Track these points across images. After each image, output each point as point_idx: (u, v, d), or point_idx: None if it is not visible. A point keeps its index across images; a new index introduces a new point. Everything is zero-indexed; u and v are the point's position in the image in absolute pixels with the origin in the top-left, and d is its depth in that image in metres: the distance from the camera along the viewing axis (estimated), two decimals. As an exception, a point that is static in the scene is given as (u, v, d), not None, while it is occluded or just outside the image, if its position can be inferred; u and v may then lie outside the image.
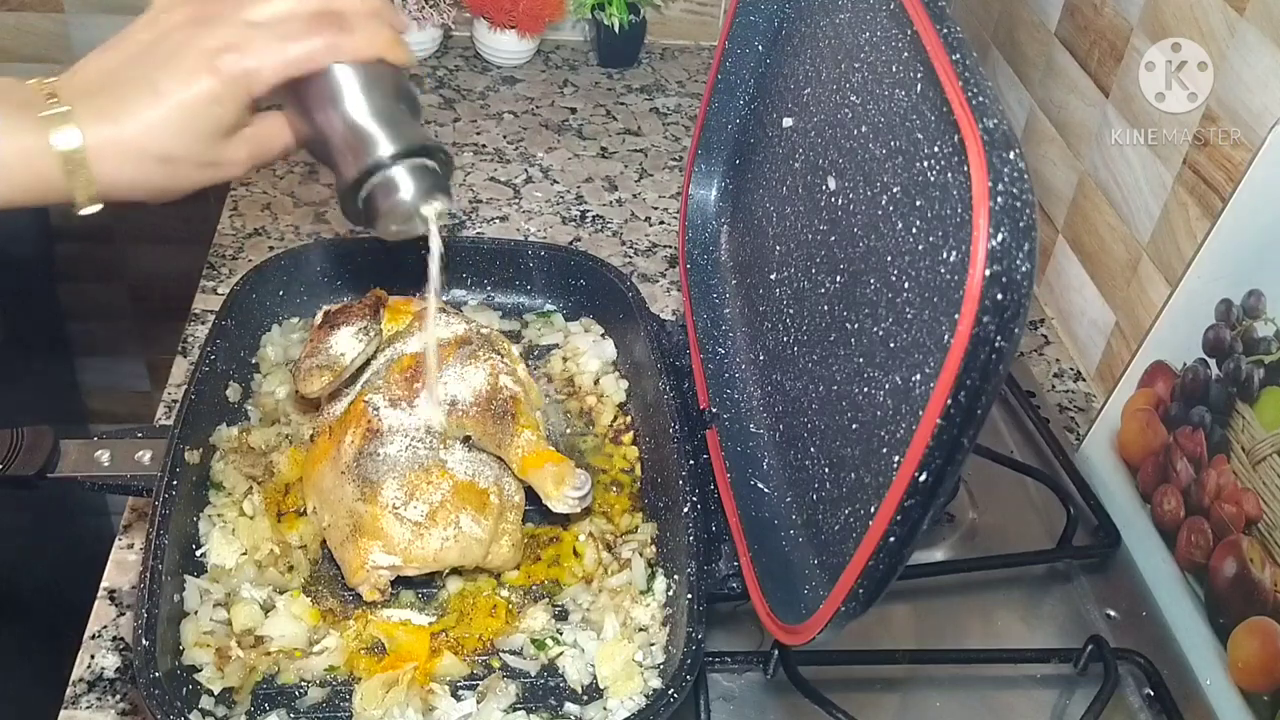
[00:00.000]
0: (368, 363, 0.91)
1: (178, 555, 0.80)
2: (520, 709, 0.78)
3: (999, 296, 0.51)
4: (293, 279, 1.04)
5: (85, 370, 2.03)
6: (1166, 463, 0.96)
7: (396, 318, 0.94)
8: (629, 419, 1.00)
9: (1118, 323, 1.14)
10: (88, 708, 0.82)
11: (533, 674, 0.80)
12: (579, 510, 0.85)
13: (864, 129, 0.73)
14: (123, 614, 0.88)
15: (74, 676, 0.84)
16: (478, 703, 0.77)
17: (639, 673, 0.79)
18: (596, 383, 1.03)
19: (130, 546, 0.93)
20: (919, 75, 0.65)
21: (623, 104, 1.61)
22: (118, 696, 0.83)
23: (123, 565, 0.92)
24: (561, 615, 0.84)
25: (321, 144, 0.66)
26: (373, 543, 0.80)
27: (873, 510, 0.66)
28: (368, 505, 0.81)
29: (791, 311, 0.85)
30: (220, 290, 1.15)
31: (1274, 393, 0.84)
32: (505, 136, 1.51)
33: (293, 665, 0.78)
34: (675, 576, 0.84)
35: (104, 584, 0.90)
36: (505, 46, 1.63)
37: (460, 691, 0.78)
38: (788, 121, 0.88)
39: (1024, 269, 0.51)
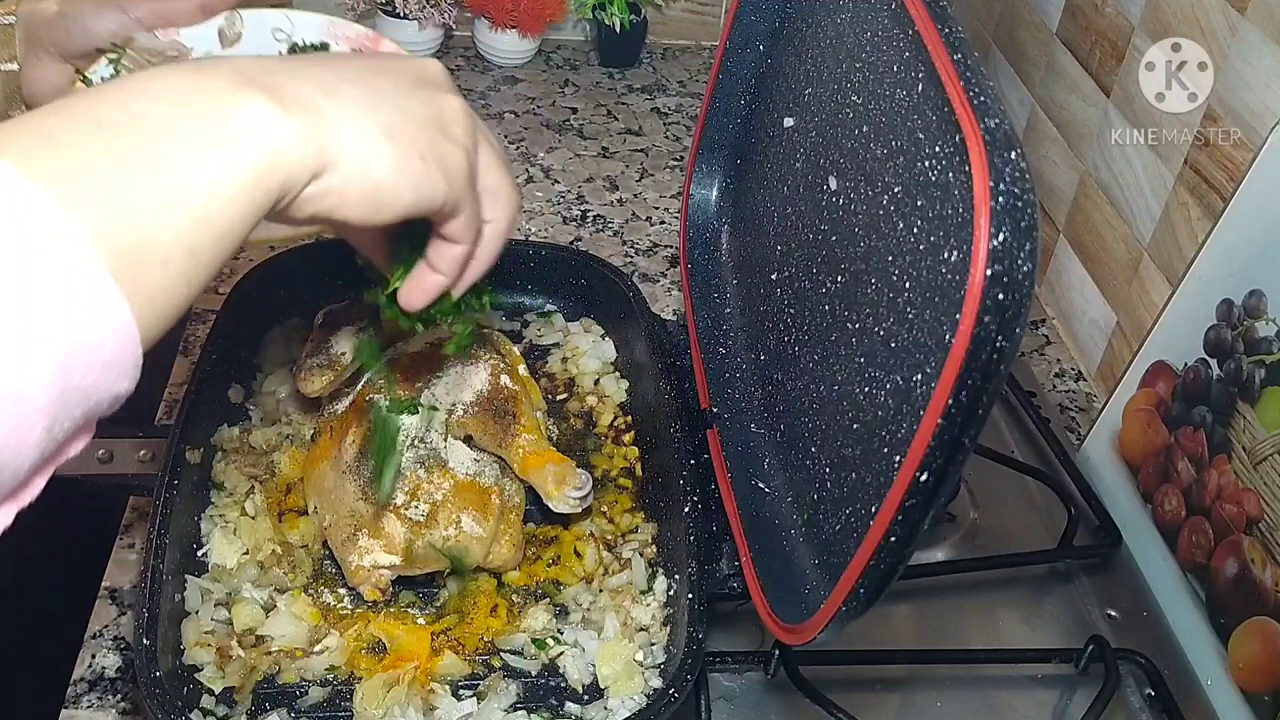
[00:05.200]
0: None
1: (179, 555, 0.80)
2: (521, 708, 0.78)
3: (1000, 296, 0.51)
4: (294, 279, 1.04)
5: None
6: (1168, 463, 0.96)
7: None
8: (629, 419, 1.00)
9: (1119, 322, 1.14)
10: (88, 707, 0.82)
11: (533, 673, 0.80)
12: (580, 510, 0.85)
13: (865, 129, 0.73)
14: (124, 613, 0.88)
15: (75, 676, 0.84)
16: (478, 702, 0.77)
17: (639, 672, 0.79)
18: (596, 383, 1.03)
19: (131, 546, 0.93)
20: (920, 75, 0.65)
21: (624, 104, 1.61)
22: (119, 696, 0.83)
23: (123, 565, 0.92)
24: (562, 615, 0.84)
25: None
26: (374, 542, 0.80)
27: (874, 510, 0.66)
28: (369, 505, 0.81)
29: (792, 311, 0.85)
30: (221, 290, 1.15)
31: (1275, 393, 0.84)
32: (506, 136, 1.51)
33: (294, 665, 0.78)
34: (676, 576, 0.84)
35: (105, 583, 0.90)
36: (506, 46, 1.63)
37: (461, 691, 0.78)
38: (789, 121, 0.88)
39: (1025, 269, 0.51)
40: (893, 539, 0.59)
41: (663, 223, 1.37)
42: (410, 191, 0.50)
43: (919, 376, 0.62)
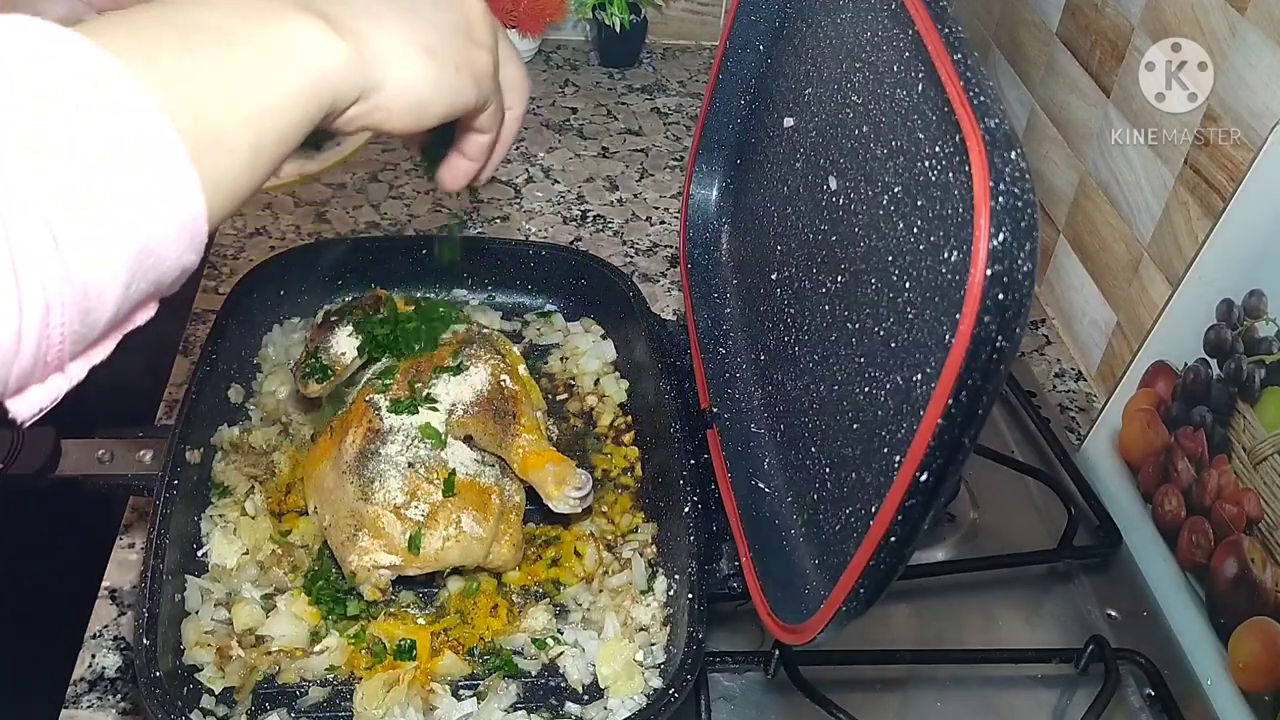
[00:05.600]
0: (369, 362, 0.91)
1: (179, 555, 0.80)
2: (521, 708, 0.78)
3: (1000, 296, 0.51)
4: (293, 279, 1.04)
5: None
6: (1168, 463, 0.96)
7: (397, 317, 0.94)
8: (629, 419, 1.00)
9: (1119, 322, 1.14)
10: (89, 707, 0.82)
11: (533, 673, 0.80)
12: (580, 510, 0.85)
13: (865, 129, 0.73)
14: (124, 613, 0.88)
15: (75, 676, 0.84)
16: (478, 702, 0.77)
17: (639, 672, 0.79)
18: (596, 383, 1.03)
19: (131, 546, 0.93)
20: (920, 75, 0.65)
21: (624, 104, 1.61)
22: (119, 696, 0.83)
23: (124, 565, 0.92)
24: (562, 615, 0.84)
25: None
26: (374, 542, 0.80)
27: (874, 510, 0.66)
28: (369, 505, 0.81)
29: (792, 311, 0.85)
30: (221, 290, 1.15)
31: (1275, 393, 0.84)
32: (506, 136, 1.50)
33: (293, 665, 0.78)
34: (676, 576, 0.84)
35: (105, 583, 0.90)
36: (506, 46, 1.63)
37: (461, 691, 0.78)
38: (789, 121, 0.88)
39: (1025, 269, 0.51)
40: (893, 539, 0.59)
41: (663, 223, 1.37)
42: (447, 101, 0.56)
43: (919, 376, 0.62)
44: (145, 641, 0.71)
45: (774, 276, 0.89)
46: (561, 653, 0.81)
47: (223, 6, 0.47)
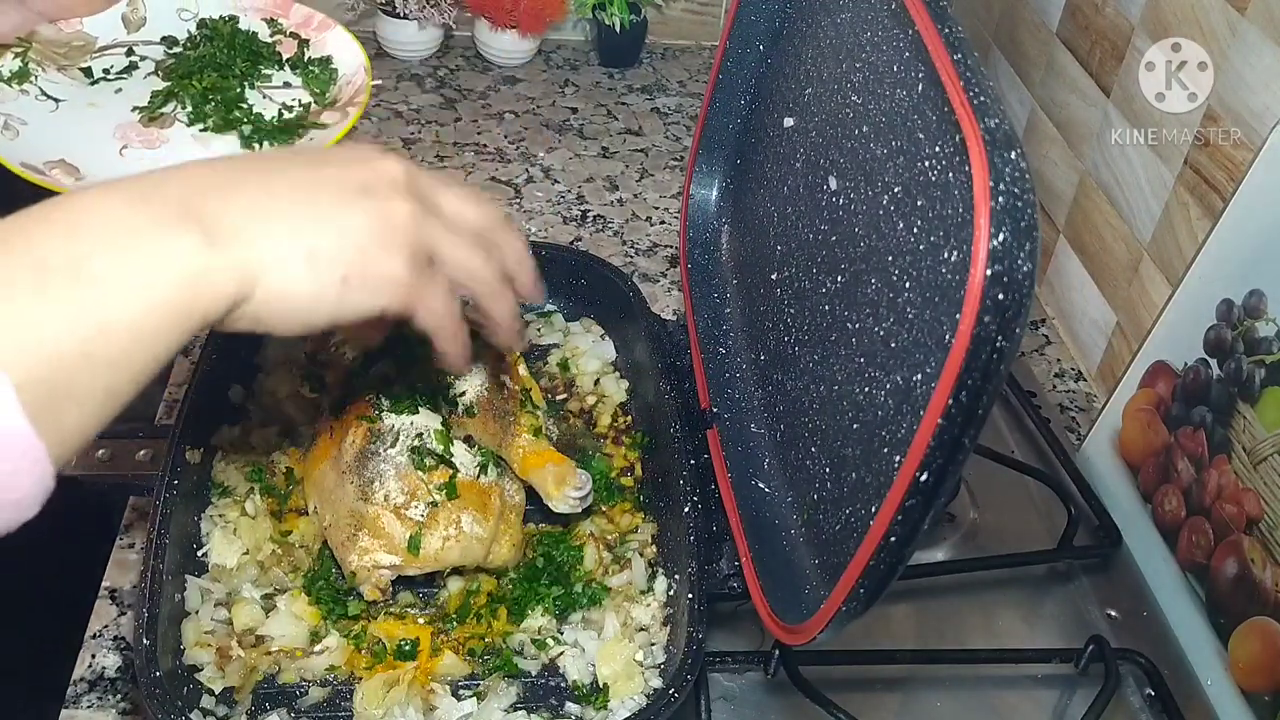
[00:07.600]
0: (369, 363, 0.90)
1: (179, 555, 0.80)
2: (521, 708, 0.78)
3: (1000, 296, 0.51)
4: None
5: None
6: (1168, 463, 0.96)
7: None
8: (629, 419, 1.00)
9: (1119, 322, 1.14)
10: (89, 707, 0.82)
11: (533, 673, 0.80)
12: (579, 510, 0.85)
13: (865, 129, 0.73)
14: (124, 613, 0.88)
15: (75, 676, 0.84)
16: (478, 702, 0.77)
17: (639, 672, 0.79)
18: (596, 383, 1.03)
19: (131, 546, 0.93)
20: (920, 75, 0.65)
21: (624, 104, 1.61)
22: (119, 696, 0.83)
23: (123, 565, 0.92)
24: (562, 615, 0.84)
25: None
26: (374, 542, 0.80)
27: (873, 510, 0.66)
28: (369, 505, 0.81)
29: (792, 311, 0.85)
30: (221, 290, 1.15)
31: (1275, 393, 0.84)
32: (506, 136, 1.51)
33: (293, 665, 0.78)
34: (676, 576, 0.84)
35: (105, 583, 0.90)
36: (506, 46, 1.63)
37: (461, 691, 0.78)
38: (789, 121, 0.88)
39: (1025, 269, 0.51)
40: (893, 539, 0.59)
41: (663, 223, 1.37)
42: (328, 312, 0.52)
43: (919, 376, 0.62)
44: (145, 641, 0.71)
45: (774, 276, 0.89)
46: (561, 653, 0.81)
47: (92, 230, 0.45)
